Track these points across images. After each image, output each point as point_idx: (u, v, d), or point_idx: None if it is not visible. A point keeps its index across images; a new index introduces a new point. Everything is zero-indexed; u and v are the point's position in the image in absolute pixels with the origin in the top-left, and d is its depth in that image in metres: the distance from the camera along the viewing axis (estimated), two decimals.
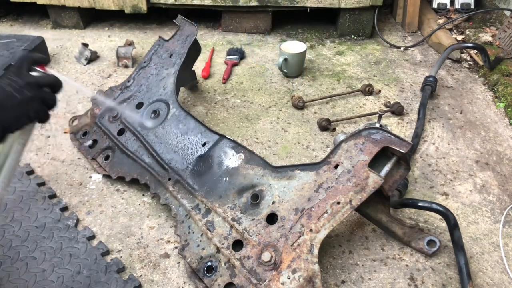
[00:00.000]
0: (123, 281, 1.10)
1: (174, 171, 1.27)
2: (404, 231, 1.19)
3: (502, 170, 1.47)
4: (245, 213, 1.13)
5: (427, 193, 1.38)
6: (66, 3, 2.31)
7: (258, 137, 1.63)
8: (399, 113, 1.73)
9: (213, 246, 1.11)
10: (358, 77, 2.00)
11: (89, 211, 1.33)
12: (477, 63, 2.04)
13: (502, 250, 1.20)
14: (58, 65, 2.08)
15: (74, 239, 1.20)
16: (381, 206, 1.18)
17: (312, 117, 1.73)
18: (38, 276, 1.10)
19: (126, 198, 1.37)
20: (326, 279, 1.13)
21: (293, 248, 1.01)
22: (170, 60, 1.51)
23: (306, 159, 1.52)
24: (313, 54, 2.20)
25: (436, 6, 2.50)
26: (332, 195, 1.04)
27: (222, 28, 2.44)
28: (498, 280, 1.13)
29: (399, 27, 2.48)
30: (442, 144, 1.59)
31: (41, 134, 1.63)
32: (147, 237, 1.25)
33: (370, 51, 2.24)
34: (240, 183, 1.17)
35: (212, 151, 1.27)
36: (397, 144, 1.03)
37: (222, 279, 1.05)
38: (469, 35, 2.22)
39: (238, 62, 2.10)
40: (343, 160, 1.07)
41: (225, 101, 1.83)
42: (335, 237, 1.25)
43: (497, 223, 1.28)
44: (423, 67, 2.08)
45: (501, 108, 1.76)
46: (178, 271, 1.16)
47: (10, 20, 2.56)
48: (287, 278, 0.98)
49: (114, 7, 2.30)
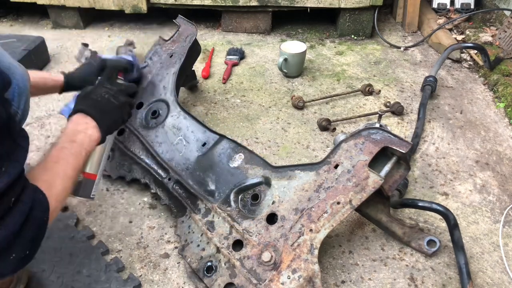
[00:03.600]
0: (123, 281, 1.10)
1: (174, 171, 1.27)
2: (404, 231, 1.19)
3: (502, 170, 1.47)
4: (245, 213, 1.13)
5: (427, 193, 1.38)
6: (66, 3, 2.31)
7: (258, 137, 1.63)
8: (399, 113, 1.73)
9: (213, 246, 1.11)
10: (358, 77, 2.00)
11: (89, 211, 1.33)
12: (477, 63, 2.04)
13: (502, 250, 1.20)
14: (58, 65, 2.08)
15: (74, 239, 1.20)
16: (381, 206, 1.18)
17: (312, 117, 1.73)
18: (38, 275, 1.10)
19: (126, 198, 1.38)
20: (326, 279, 1.13)
21: (293, 248, 1.01)
22: (170, 60, 1.51)
23: (306, 159, 1.52)
24: (313, 54, 2.20)
25: (436, 6, 2.50)
26: (332, 195, 1.04)
27: (222, 28, 2.44)
28: (498, 280, 1.13)
29: (399, 27, 2.48)
30: (442, 144, 1.59)
31: (41, 134, 1.63)
32: (147, 237, 1.25)
33: (370, 51, 2.24)
34: (240, 183, 1.17)
35: (212, 151, 1.27)
36: (397, 144, 1.03)
37: (222, 279, 1.05)
38: (469, 35, 2.22)
39: (238, 62, 2.10)
40: (343, 160, 1.07)
41: (225, 101, 1.83)
42: (335, 237, 1.25)
43: (497, 223, 1.28)
44: (423, 67, 2.08)
45: (501, 108, 1.76)
46: (178, 271, 1.16)
47: (10, 20, 2.56)
48: (287, 278, 0.98)
49: (114, 7, 2.31)
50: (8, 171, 0.67)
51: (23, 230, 0.70)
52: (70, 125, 0.94)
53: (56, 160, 0.85)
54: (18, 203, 0.70)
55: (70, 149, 0.88)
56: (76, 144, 0.89)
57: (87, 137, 0.92)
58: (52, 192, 0.79)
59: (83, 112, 0.95)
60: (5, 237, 0.67)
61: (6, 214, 0.68)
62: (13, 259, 0.71)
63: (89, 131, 0.93)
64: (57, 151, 0.87)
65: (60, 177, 0.83)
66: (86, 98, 1.00)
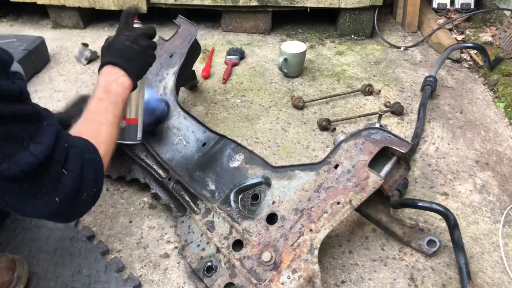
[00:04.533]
0: (123, 281, 1.10)
1: (174, 171, 1.27)
2: (404, 231, 1.19)
3: (502, 170, 1.47)
4: (245, 213, 1.13)
5: (427, 193, 1.38)
6: (66, 3, 2.31)
7: (258, 137, 1.63)
8: (399, 113, 1.73)
9: (213, 246, 1.11)
10: (358, 77, 2.00)
11: (89, 211, 1.32)
12: (477, 63, 2.04)
13: (502, 250, 1.20)
14: (58, 65, 2.08)
15: (74, 239, 1.20)
16: (381, 206, 1.18)
17: (312, 117, 1.73)
18: (38, 275, 1.10)
19: (126, 198, 1.37)
20: (326, 279, 1.13)
21: (293, 248, 1.01)
22: (170, 60, 1.51)
23: (306, 159, 1.52)
24: (313, 54, 2.20)
25: (436, 6, 2.50)
26: (332, 195, 1.04)
27: (222, 28, 2.44)
28: (498, 280, 1.13)
29: (399, 27, 2.48)
30: (442, 144, 1.59)
31: None
32: (147, 237, 1.25)
33: (370, 51, 2.24)
34: (240, 183, 1.17)
35: (212, 151, 1.27)
36: (397, 144, 1.03)
37: (222, 279, 1.05)
38: (469, 35, 2.22)
39: (238, 62, 2.10)
40: (343, 160, 1.07)
41: (225, 101, 1.83)
42: (335, 237, 1.25)
43: (497, 223, 1.28)
44: (423, 67, 2.08)
45: (501, 108, 1.76)
46: (178, 271, 1.16)
47: (10, 20, 2.56)
48: (287, 278, 0.98)
49: (114, 7, 2.30)
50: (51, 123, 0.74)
51: (84, 170, 0.78)
52: (101, 78, 0.98)
53: (96, 111, 0.91)
54: (70, 149, 0.76)
55: (108, 99, 0.93)
56: (112, 94, 0.94)
57: (120, 86, 0.97)
58: (99, 138, 0.85)
59: (111, 63, 0.99)
60: (74, 179, 0.75)
61: (67, 160, 0.75)
62: (86, 197, 0.79)
63: (120, 79, 0.98)
64: (96, 103, 0.92)
65: (104, 124, 0.89)
66: (110, 49, 1.03)
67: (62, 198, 0.74)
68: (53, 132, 0.73)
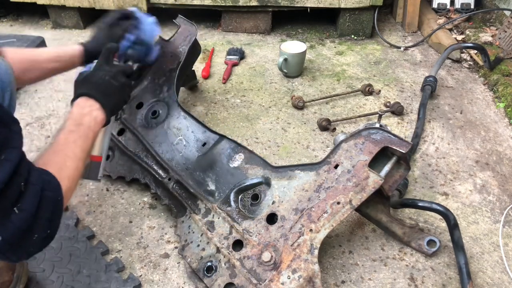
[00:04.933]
0: (123, 281, 1.10)
1: (174, 171, 1.27)
2: (404, 231, 1.19)
3: (502, 170, 1.47)
4: (245, 213, 1.13)
5: (427, 193, 1.38)
6: (66, 3, 2.31)
7: (258, 137, 1.63)
8: (399, 113, 1.73)
9: (213, 246, 1.11)
10: (358, 77, 2.00)
11: (89, 211, 1.33)
12: (477, 63, 2.04)
13: (502, 250, 1.20)
14: None
15: (74, 239, 1.20)
16: (381, 206, 1.18)
17: (312, 117, 1.73)
18: (38, 275, 1.10)
19: (126, 198, 1.38)
20: (326, 279, 1.13)
21: (293, 248, 1.01)
22: (170, 60, 1.51)
23: (306, 159, 1.52)
24: (313, 54, 2.20)
25: (436, 6, 2.50)
26: (332, 195, 1.04)
27: (222, 28, 2.44)
28: (498, 280, 1.13)
29: (399, 27, 2.48)
30: (442, 144, 1.59)
31: (41, 134, 1.63)
32: (147, 237, 1.25)
33: (370, 51, 2.24)
34: (240, 183, 1.17)
35: (212, 151, 1.27)
36: (397, 144, 1.03)
37: (222, 279, 1.05)
38: (469, 35, 2.22)
39: (238, 62, 2.10)
40: (343, 160, 1.07)
41: (225, 101, 1.83)
42: (335, 237, 1.25)
43: (497, 223, 1.28)
44: (423, 67, 2.08)
45: (501, 108, 1.76)
46: (178, 271, 1.16)
47: (10, 20, 2.56)
48: (287, 278, 0.98)
49: (114, 7, 2.31)
50: (9, 158, 0.69)
51: (39, 210, 0.72)
52: (75, 109, 0.95)
53: (65, 143, 0.87)
54: (28, 186, 0.71)
55: (78, 132, 0.90)
56: (83, 127, 0.91)
57: (93, 119, 0.94)
58: (64, 173, 0.81)
59: (86, 95, 0.96)
60: (24, 219, 0.70)
61: (20, 198, 0.70)
62: (36, 239, 0.74)
63: (94, 113, 0.95)
64: (65, 134, 0.88)
65: (70, 158, 0.85)
66: (87, 81, 1.00)
67: (7, 237, 0.69)
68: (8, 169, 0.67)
